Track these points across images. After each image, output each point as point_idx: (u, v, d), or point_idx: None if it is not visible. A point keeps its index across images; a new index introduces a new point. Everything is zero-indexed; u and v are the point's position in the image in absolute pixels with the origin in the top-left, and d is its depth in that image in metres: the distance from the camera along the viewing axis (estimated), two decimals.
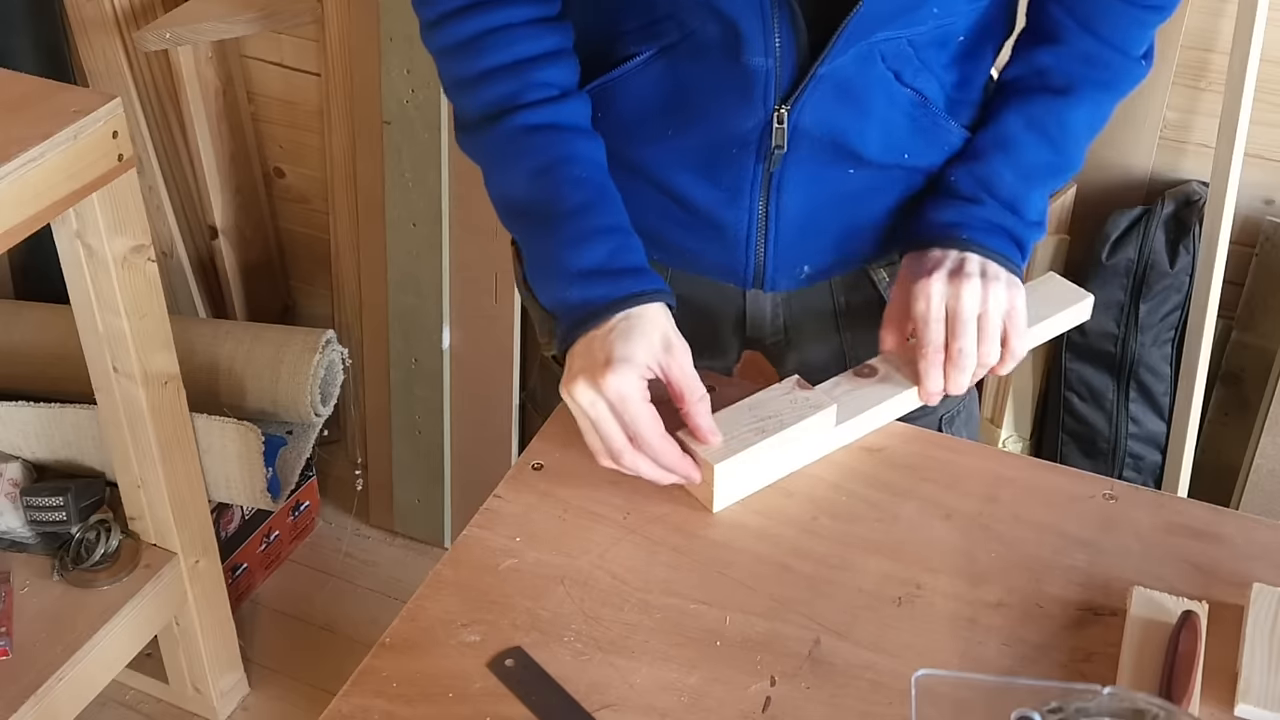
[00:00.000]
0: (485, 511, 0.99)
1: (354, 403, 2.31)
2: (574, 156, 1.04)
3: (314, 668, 2.07)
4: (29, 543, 1.82)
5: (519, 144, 1.04)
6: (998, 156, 1.08)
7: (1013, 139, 1.08)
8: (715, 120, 1.06)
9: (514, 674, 0.87)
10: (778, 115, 1.03)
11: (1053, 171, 1.10)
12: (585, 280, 1.00)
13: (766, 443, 0.99)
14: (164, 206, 2.24)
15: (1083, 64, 1.08)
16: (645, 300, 0.99)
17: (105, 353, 1.61)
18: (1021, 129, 1.08)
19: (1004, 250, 1.05)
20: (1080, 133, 1.10)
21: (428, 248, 2.02)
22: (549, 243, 1.03)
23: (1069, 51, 1.08)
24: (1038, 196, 1.09)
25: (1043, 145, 1.09)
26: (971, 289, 1.02)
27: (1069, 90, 1.08)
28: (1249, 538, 0.97)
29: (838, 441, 1.04)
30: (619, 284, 1.00)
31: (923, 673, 0.86)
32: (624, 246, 1.02)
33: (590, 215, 1.02)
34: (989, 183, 1.07)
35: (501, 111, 1.04)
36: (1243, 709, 0.85)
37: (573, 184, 1.03)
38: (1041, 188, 1.10)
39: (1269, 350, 1.80)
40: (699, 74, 1.04)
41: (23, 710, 1.60)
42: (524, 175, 1.04)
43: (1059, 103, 1.08)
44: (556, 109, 1.04)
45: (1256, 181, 1.75)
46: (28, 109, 1.43)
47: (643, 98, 1.07)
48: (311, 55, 2.17)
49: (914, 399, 1.06)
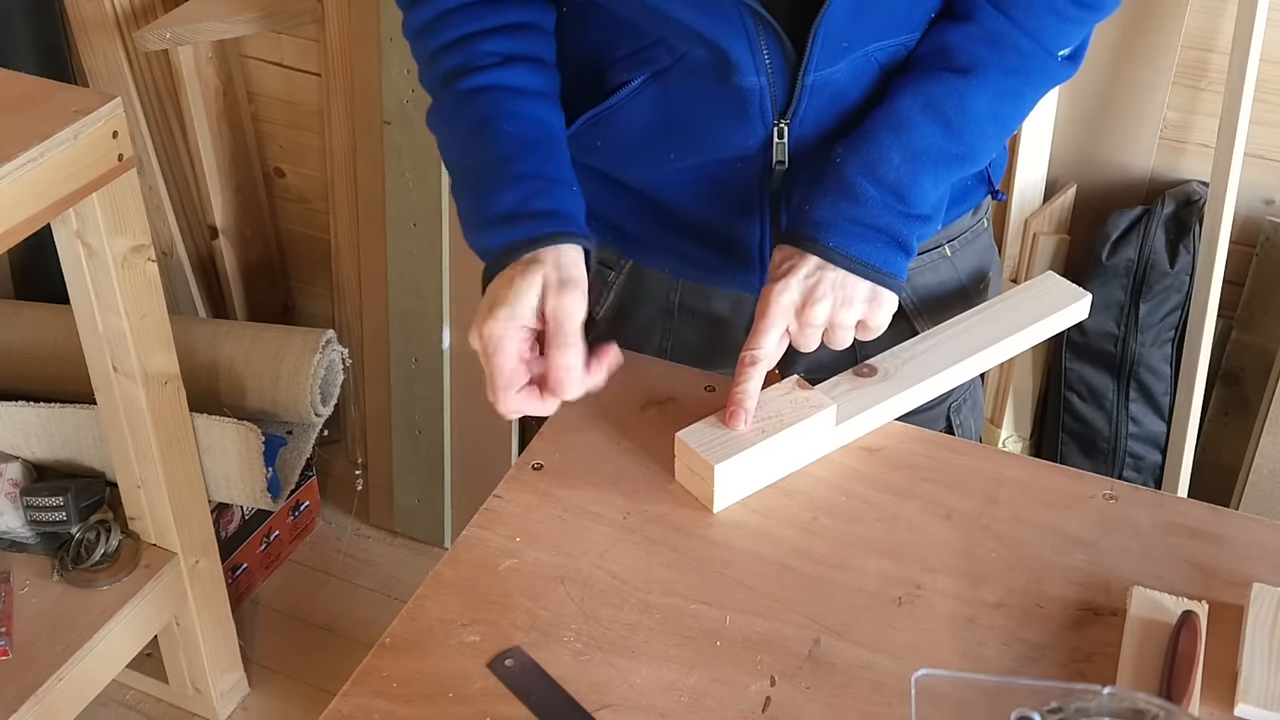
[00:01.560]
0: (485, 511, 0.99)
1: (354, 403, 2.31)
2: (505, 113, 1.02)
3: (314, 668, 2.07)
4: (29, 543, 1.82)
5: (459, 108, 1.04)
6: (887, 137, 1.00)
7: (906, 119, 1.00)
8: (715, 142, 1.05)
9: (514, 674, 0.87)
10: (778, 130, 1.02)
11: (948, 159, 1.02)
12: (497, 225, 1.00)
13: (767, 443, 0.99)
14: (164, 206, 2.24)
15: (990, 45, 1.01)
16: (549, 241, 0.97)
17: (105, 353, 1.61)
18: (917, 109, 1.00)
19: (872, 258, 0.99)
20: (983, 120, 1.02)
21: (428, 248, 2.02)
22: (473, 195, 1.02)
23: (978, 31, 1.01)
24: (928, 185, 1.01)
25: (938, 128, 1.00)
26: (818, 313, 0.99)
27: (971, 71, 1.00)
28: (1249, 538, 0.97)
29: (838, 441, 1.04)
30: (525, 227, 0.98)
31: (923, 673, 0.86)
32: (537, 191, 1.00)
33: (509, 164, 1.01)
34: (874, 165, 1.00)
35: (448, 79, 1.04)
36: (1243, 709, 0.85)
37: (499, 138, 1.02)
38: (934, 175, 1.01)
39: (1269, 350, 1.80)
40: (693, 98, 1.03)
41: (23, 710, 1.60)
42: (459, 137, 1.04)
43: (960, 83, 1.01)
44: (500, 72, 1.03)
45: (1256, 181, 1.75)
46: (28, 109, 1.43)
47: (639, 124, 1.06)
48: (311, 55, 2.17)
49: (915, 398, 1.06)
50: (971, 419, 1.27)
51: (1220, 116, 1.67)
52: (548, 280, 0.96)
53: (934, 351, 1.08)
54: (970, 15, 1.01)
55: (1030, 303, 1.11)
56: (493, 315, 0.95)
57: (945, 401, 1.20)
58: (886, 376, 1.06)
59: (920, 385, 1.06)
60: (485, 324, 0.96)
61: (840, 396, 1.04)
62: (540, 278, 0.96)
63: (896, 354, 1.08)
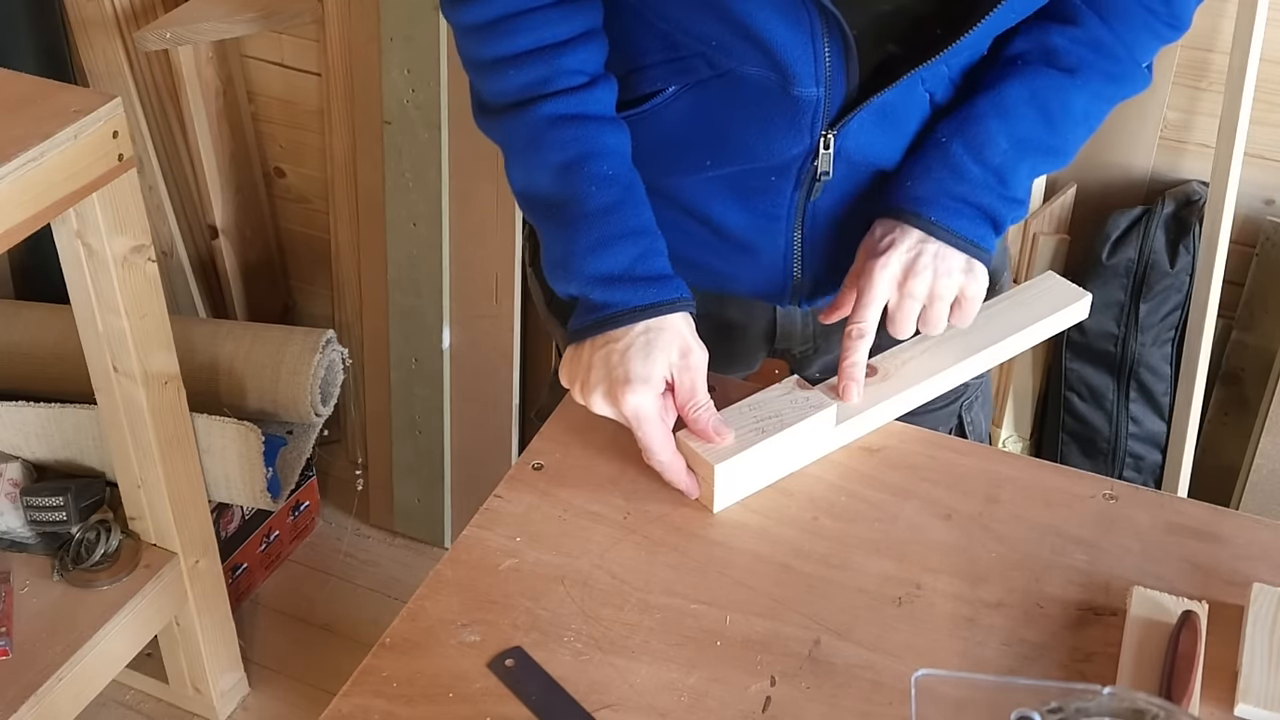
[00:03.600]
0: (485, 511, 0.99)
1: (354, 403, 2.31)
2: (601, 151, 1.01)
3: (314, 668, 2.07)
4: (29, 543, 1.82)
5: (545, 135, 1.01)
6: (995, 122, 1.04)
7: (1013, 108, 1.04)
8: (758, 150, 1.04)
9: (514, 674, 0.87)
10: (824, 141, 1.02)
11: (1045, 151, 1.06)
12: (607, 285, 0.99)
13: (767, 443, 0.99)
14: (164, 206, 2.24)
15: (1093, 51, 1.05)
16: (667, 310, 0.99)
17: (105, 353, 1.61)
18: (1023, 100, 1.04)
19: (971, 233, 1.03)
20: (1078, 119, 1.07)
21: (428, 248, 2.02)
22: (572, 242, 1.01)
23: (1083, 35, 1.05)
24: (1025, 172, 1.06)
25: (1041, 121, 1.05)
26: (919, 285, 1.02)
27: (1076, 72, 1.05)
28: (1249, 538, 0.97)
29: (838, 441, 1.04)
30: (641, 292, 0.99)
31: (923, 673, 0.86)
32: (649, 251, 1.01)
33: (615, 217, 1.00)
34: (980, 149, 1.03)
35: (528, 99, 1.01)
36: (1243, 709, 0.85)
37: (599, 182, 1.00)
38: (1031, 164, 1.06)
39: (1269, 350, 1.80)
40: (739, 108, 1.02)
41: (23, 710, 1.60)
42: (549, 169, 1.02)
43: (1065, 81, 1.05)
44: (584, 98, 1.01)
45: (1256, 181, 1.75)
46: (28, 109, 1.43)
47: (672, 131, 1.05)
48: (311, 55, 2.17)
49: (915, 398, 1.06)
50: (982, 416, 1.28)
51: (1220, 116, 1.67)
52: (684, 348, 0.99)
53: (934, 352, 1.08)
54: (1075, 20, 1.05)
55: (1030, 303, 1.11)
56: (633, 390, 0.97)
57: (957, 399, 1.20)
58: (886, 377, 1.06)
59: (920, 385, 1.06)
60: (628, 398, 0.97)
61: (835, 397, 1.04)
62: (673, 347, 0.98)
63: (896, 354, 1.08)
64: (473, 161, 1.94)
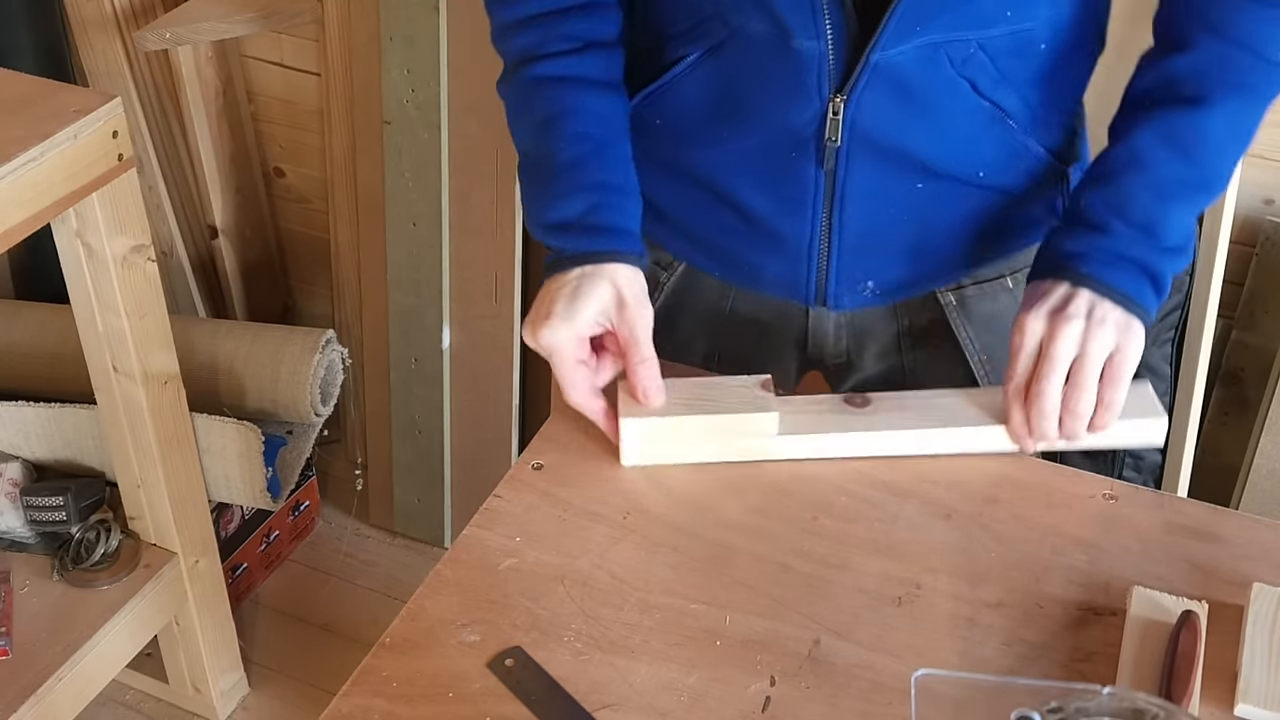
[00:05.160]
0: (485, 511, 0.99)
1: (354, 403, 2.31)
2: (577, 110, 1.05)
3: (314, 668, 2.07)
4: (29, 543, 1.82)
5: (531, 95, 1.06)
6: (1130, 176, 1.00)
7: (1145, 155, 1.00)
8: (769, 116, 1.04)
9: (514, 674, 0.87)
10: (833, 106, 1.00)
11: (1193, 188, 1.01)
12: (558, 233, 1.04)
13: (688, 419, 1.00)
14: (164, 206, 2.24)
15: (1216, 69, 0.99)
16: (605, 259, 1.01)
17: (105, 352, 1.61)
18: (1154, 144, 1.00)
19: (1126, 287, 0.98)
20: (1221, 144, 1.01)
21: (428, 248, 2.02)
22: (538, 195, 1.06)
23: (1200, 57, 1.00)
24: (1177, 217, 1.00)
25: (1178, 159, 1.00)
26: (1070, 330, 0.96)
27: (1202, 98, 0.99)
28: (1249, 538, 0.97)
29: (791, 452, 1.03)
30: (585, 240, 1.02)
31: (923, 673, 0.86)
32: (603, 205, 1.04)
33: (577, 172, 1.04)
34: (1121, 206, 0.99)
35: (524, 60, 1.06)
36: (1243, 709, 0.85)
37: (569, 139, 1.04)
38: (1181, 207, 1.01)
39: (1269, 350, 1.80)
40: (748, 69, 1.03)
41: (23, 710, 1.60)
42: (530, 126, 1.07)
43: (1193, 112, 0.99)
44: (572, 62, 1.05)
45: (1256, 181, 1.75)
46: (28, 109, 1.43)
47: (694, 100, 1.07)
48: (311, 55, 2.17)
49: (887, 446, 1.02)
50: None
51: None
52: (619, 298, 1.01)
53: (940, 408, 1.04)
54: (1189, 44, 1.00)
55: None
56: (549, 324, 1.00)
57: None
58: (875, 411, 1.03)
59: (898, 435, 1.02)
60: (542, 331, 1.00)
61: (805, 410, 1.03)
62: (601, 294, 1.01)
63: (903, 398, 1.05)
64: (473, 161, 1.94)
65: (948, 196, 1.07)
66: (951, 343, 1.16)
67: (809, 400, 1.05)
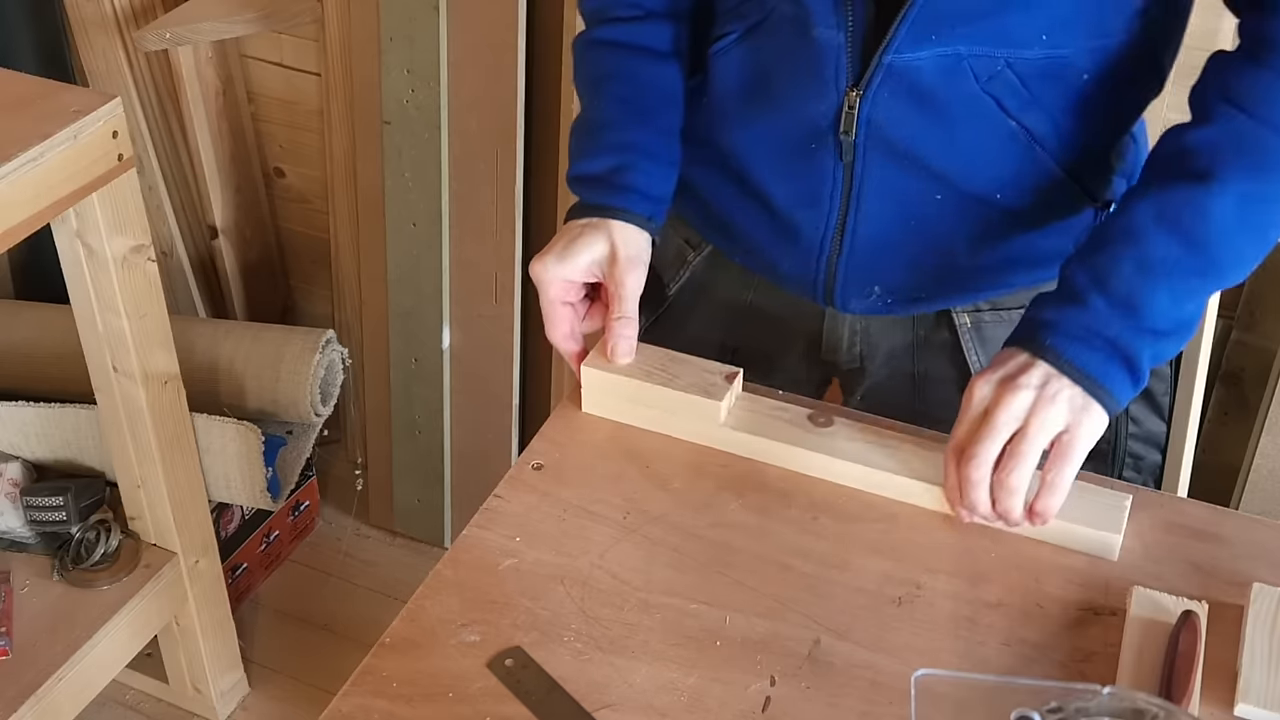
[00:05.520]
0: (485, 511, 0.99)
1: (354, 403, 2.31)
2: (624, 75, 1.10)
3: (314, 668, 2.07)
4: (29, 543, 1.82)
5: (589, 55, 1.13)
6: (1119, 248, 0.93)
7: (1139, 230, 0.93)
8: (793, 102, 1.04)
9: (514, 674, 0.87)
10: (848, 100, 1.00)
11: (1189, 272, 0.93)
12: (582, 184, 1.09)
13: (641, 385, 1.04)
14: (164, 206, 2.24)
15: (1232, 146, 0.93)
16: (616, 215, 1.06)
17: (105, 353, 1.61)
18: (1150, 219, 0.93)
19: (1090, 366, 0.92)
20: (1229, 229, 0.93)
21: (428, 248, 2.02)
22: (576, 148, 1.12)
23: (1217, 131, 0.94)
24: (1166, 299, 0.93)
25: (1174, 239, 0.92)
26: (1017, 401, 0.91)
27: (1211, 175, 0.92)
28: (1249, 538, 0.97)
29: (737, 449, 1.03)
30: (601, 194, 1.07)
31: (923, 673, 0.86)
32: (629, 165, 1.07)
33: (611, 131, 1.09)
34: (1103, 275, 0.93)
35: (592, 22, 1.14)
36: (1243, 709, 0.85)
37: (612, 99, 1.10)
38: (1173, 289, 0.93)
39: (1269, 350, 1.80)
40: (777, 52, 1.05)
41: (23, 710, 1.60)
42: (583, 84, 1.14)
43: (1198, 191, 0.92)
44: (630, 29, 1.10)
45: None
46: (28, 109, 1.43)
47: (731, 80, 1.09)
48: (311, 55, 2.17)
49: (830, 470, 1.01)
50: None
51: None
52: (615, 254, 1.05)
53: (895, 453, 1.00)
54: (1208, 116, 0.95)
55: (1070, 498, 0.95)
56: (543, 260, 1.05)
57: None
58: (830, 437, 1.02)
59: (840, 465, 1.00)
60: (537, 265, 1.06)
61: (768, 416, 1.03)
62: (598, 246, 1.05)
63: (866, 431, 1.02)
64: (473, 161, 1.94)
65: (964, 212, 1.04)
66: (962, 366, 1.14)
67: (774, 405, 1.05)
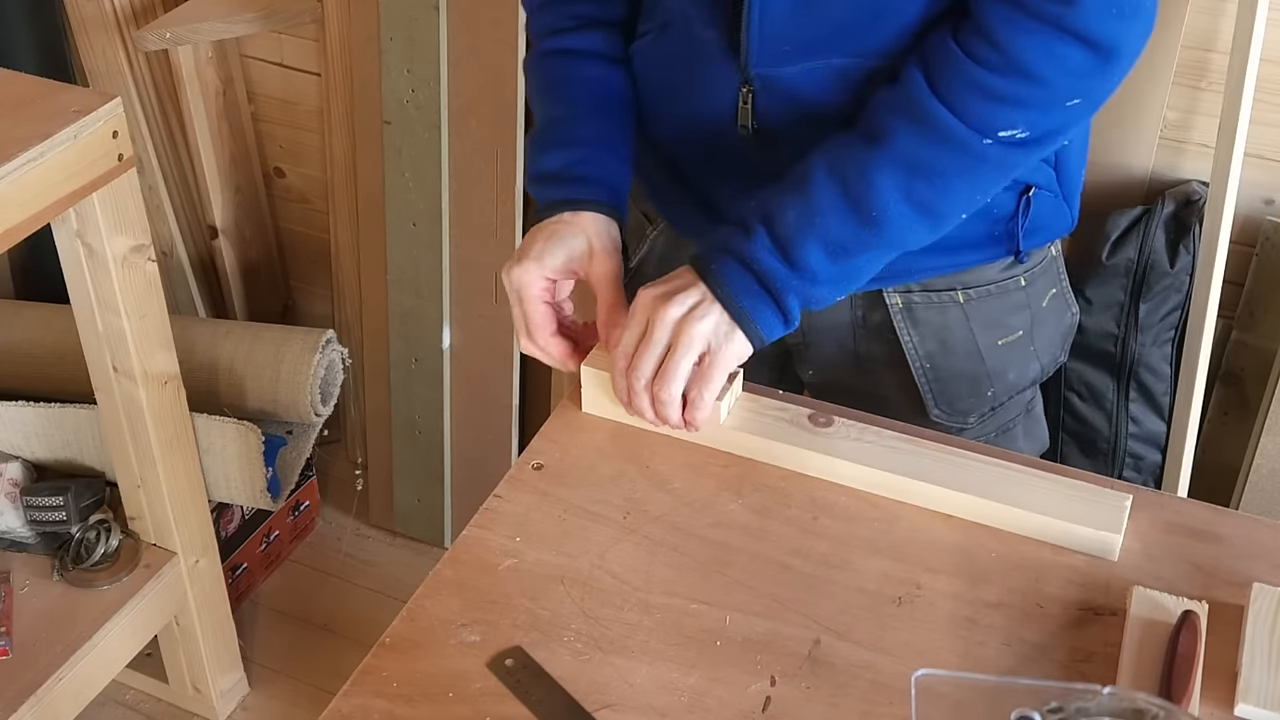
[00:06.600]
0: (485, 511, 0.99)
1: (354, 403, 2.31)
2: (573, 77, 1.13)
3: (314, 668, 2.07)
4: (29, 543, 1.82)
5: (539, 67, 1.16)
6: (789, 192, 0.98)
7: (809, 178, 0.97)
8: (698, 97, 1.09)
9: (514, 674, 0.87)
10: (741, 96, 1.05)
11: (849, 230, 0.97)
12: (543, 183, 1.10)
13: None
14: (164, 206, 2.24)
15: (906, 115, 0.95)
16: (579, 207, 1.06)
17: (105, 353, 1.61)
18: (821, 170, 0.97)
19: (740, 296, 0.97)
20: (888, 194, 0.95)
21: (428, 248, 2.02)
22: (533, 150, 1.13)
23: (898, 97, 0.96)
24: (818, 250, 0.96)
25: (839, 196, 0.96)
26: (668, 314, 0.97)
27: (881, 138, 0.95)
28: (1249, 538, 0.97)
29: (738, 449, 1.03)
30: (564, 189, 1.08)
31: (923, 673, 0.86)
32: (585, 159, 1.09)
33: (561, 128, 1.11)
34: (770, 215, 0.98)
35: (539, 37, 1.17)
36: (1243, 709, 0.85)
37: (562, 100, 1.13)
38: (827, 242, 0.97)
39: (1269, 350, 1.80)
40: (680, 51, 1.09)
41: (23, 710, 1.60)
42: (536, 93, 1.16)
43: (865, 151, 0.96)
44: (575, 37, 1.14)
45: (1256, 181, 1.75)
46: (28, 109, 1.43)
47: (649, 76, 1.15)
48: (311, 55, 2.17)
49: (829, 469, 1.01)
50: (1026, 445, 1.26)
51: (1220, 116, 1.67)
52: (592, 246, 1.05)
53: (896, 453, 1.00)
54: (897, 79, 0.97)
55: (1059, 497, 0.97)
56: (521, 264, 1.06)
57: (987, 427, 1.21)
58: (829, 437, 1.02)
59: (845, 465, 1.01)
60: (514, 270, 1.06)
61: (767, 416, 1.03)
62: (573, 242, 1.05)
63: (864, 431, 1.02)
64: (473, 161, 1.94)
65: None
66: (895, 346, 1.17)
67: (774, 405, 1.05)
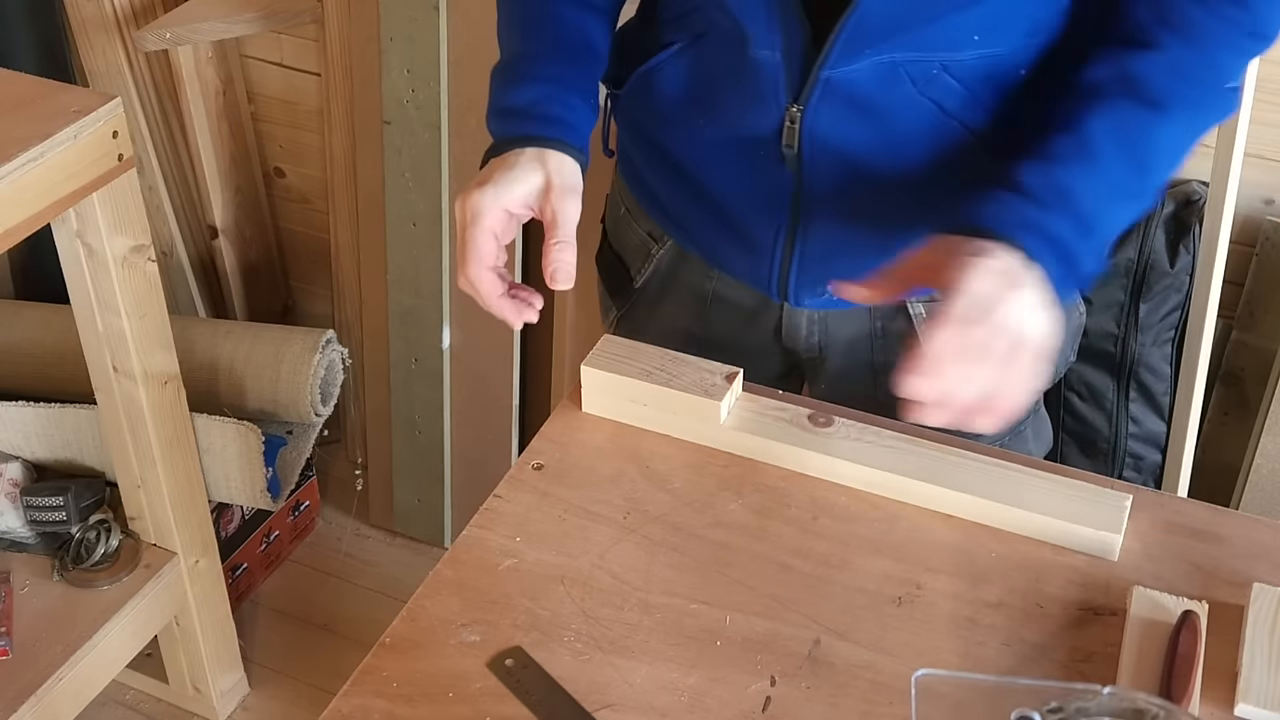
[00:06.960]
0: (485, 511, 0.99)
1: (354, 403, 2.31)
2: (548, 16, 1.08)
3: (314, 668, 2.07)
4: (29, 543, 1.82)
5: (514, 2, 1.11)
6: (1080, 167, 0.92)
7: (1098, 151, 0.93)
8: (736, 115, 1.06)
9: (514, 674, 0.87)
10: (789, 115, 1.02)
11: (1132, 197, 0.95)
12: (507, 117, 1.06)
13: (641, 384, 1.03)
14: (164, 206, 2.24)
15: (1179, 79, 0.94)
16: (550, 145, 1.02)
17: (105, 353, 1.61)
18: (1109, 140, 0.93)
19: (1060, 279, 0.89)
20: (1166, 157, 0.95)
21: (428, 248, 2.02)
22: (498, 84, 1.08)
23: (1166, 62, 0.94)
24: (1110, 223, 0.94)
25: (1129, 164, 0.93)
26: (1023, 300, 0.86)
27: (1162, 105, 0.93)
28: (1249, 538, 0.97)
29: (738, 449, 1.03)
30: (530, 125, 1.04)
31: (923, 673, 0.86)
32: (552, 97, 1.05)
33: (534, 63, 1.07)
34: (1069, 193, 0.91)
35: None
36: (1243, 709, 0.85)
37: (534, 37, 1.09)
38: (1116, 213, 0.94)
39: (1269, 350, 1.80)
40: (720, 66, 1.05)
41: (23, 710, 1.60)
42: (506, 28, 1.11)
43: (1151, 117, 0.93)
44: None
45: (1256, 181, 1.75)
46: (28, 109, 1.43)
47: (677, 87, 1.10)
48: (311, 55, 2.17)
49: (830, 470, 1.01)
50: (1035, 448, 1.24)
51: None
52: (550, 183, 1.01)
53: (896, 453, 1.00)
54: (1154, 44, 0.95)
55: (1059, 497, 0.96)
56: (480, 190, 1.02)
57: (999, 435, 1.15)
58: (830, 437, 1.02)
59: (843, 466, 1.00)
60: (471, 195, 1.02)
61: (768, 417, 1.03)
62: (538, 175, 1.01)
63: (865, 432, 1.02)
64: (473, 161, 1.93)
65: (914, 210, 1.04)
66: None
67: (774, 405, 1.05)
